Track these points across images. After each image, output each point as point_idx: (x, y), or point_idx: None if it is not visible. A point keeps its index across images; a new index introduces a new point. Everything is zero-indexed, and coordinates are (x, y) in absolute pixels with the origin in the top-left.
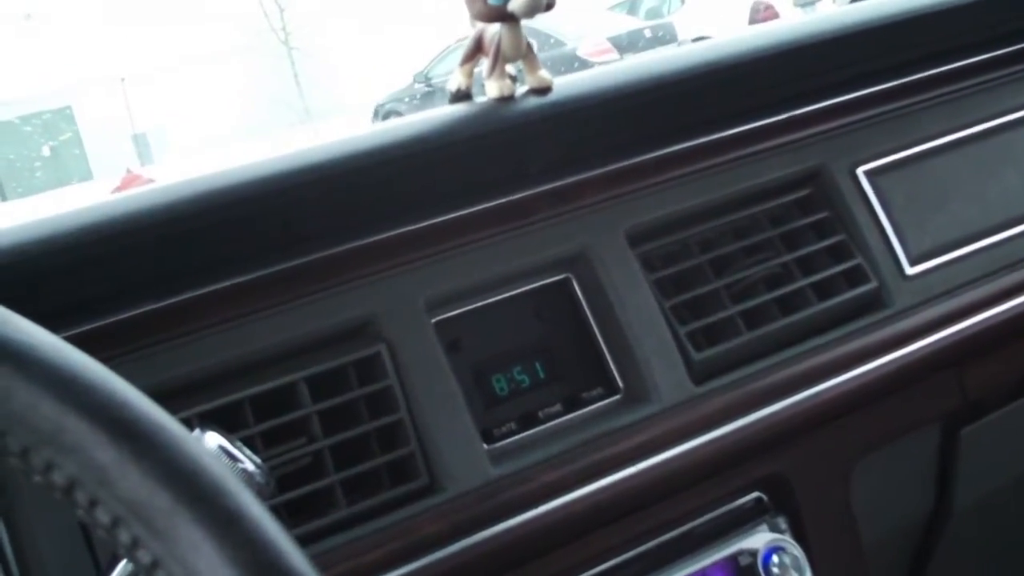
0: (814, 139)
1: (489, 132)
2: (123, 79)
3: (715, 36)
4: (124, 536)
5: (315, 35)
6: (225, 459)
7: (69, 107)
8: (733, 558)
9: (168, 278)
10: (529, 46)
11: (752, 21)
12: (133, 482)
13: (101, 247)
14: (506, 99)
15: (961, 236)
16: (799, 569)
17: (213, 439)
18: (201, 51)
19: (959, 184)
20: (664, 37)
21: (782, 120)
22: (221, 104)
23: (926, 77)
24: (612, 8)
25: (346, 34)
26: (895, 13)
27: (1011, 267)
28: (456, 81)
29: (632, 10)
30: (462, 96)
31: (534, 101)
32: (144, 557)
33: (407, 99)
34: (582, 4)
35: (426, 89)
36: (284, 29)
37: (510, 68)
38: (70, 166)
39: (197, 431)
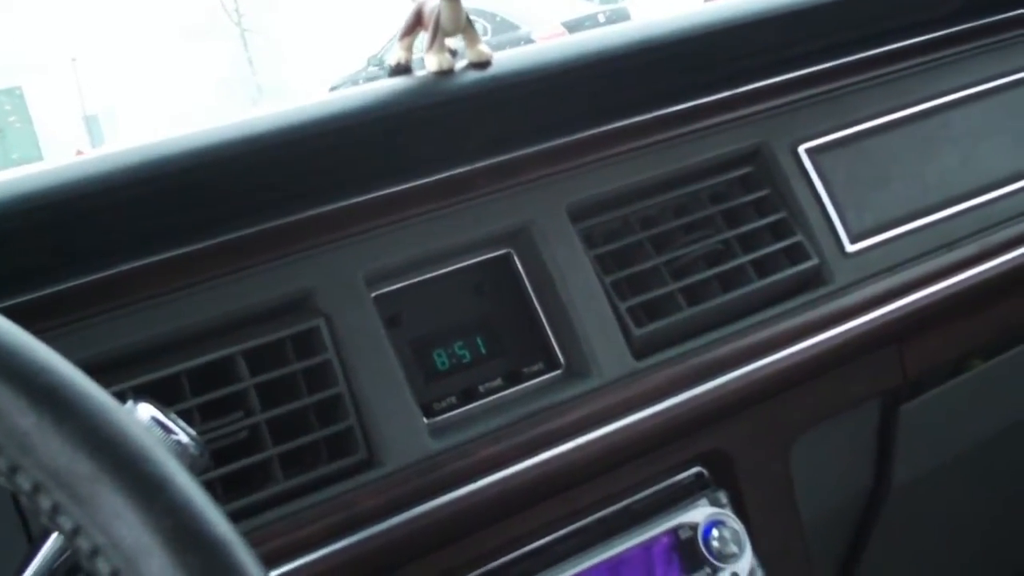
0: (756, 117)
1: (428, 106)
2: (74, 59)
3: None
4: (45, 503)
5: (269, 17)
6: (158, 431)
7: (19, 87)
8: (673, 531)
9: (104, 250)
10: (468, 20)
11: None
12: (54, 448)
13: (34, 217)
14: (445, 73)
15: (901, 214)
16: (739, 543)
17: (146, 411)
18: (153, 31)
19: (899, 163)
20: (618, 21)
21: (724, 98)
22: (173, 85)
23: (867, 57)
24: None
25: (300, 16)
26: None
27: (950, 245)
28: (395, 55)
29: None
30: (401, 70)
31: (474, 75)
32: (66, 524)
33: (360, 81)
34: None
35: (379, 72)
36: (237, 11)
37: (451, 43)
38: (18, 147)
39: (130, 403)
